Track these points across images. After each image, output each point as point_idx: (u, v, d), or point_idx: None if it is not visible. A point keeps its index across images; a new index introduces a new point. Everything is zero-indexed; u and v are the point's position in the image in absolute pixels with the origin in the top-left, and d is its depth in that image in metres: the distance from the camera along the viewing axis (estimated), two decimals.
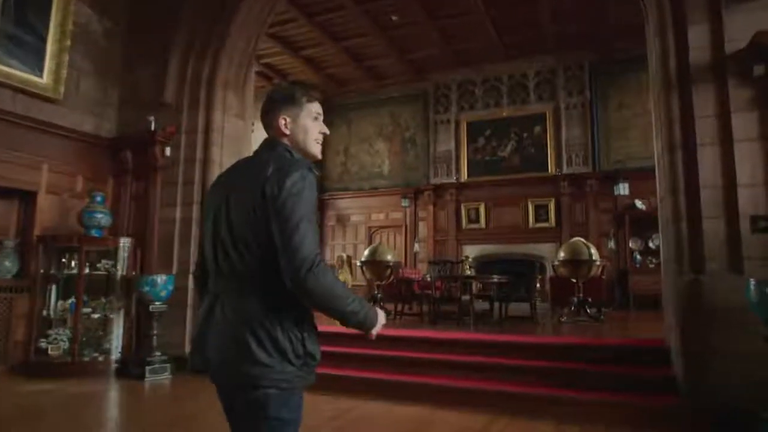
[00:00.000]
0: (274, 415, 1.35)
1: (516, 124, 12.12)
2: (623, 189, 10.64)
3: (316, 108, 1.61)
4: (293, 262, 1.30)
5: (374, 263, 8.02)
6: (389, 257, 8.09)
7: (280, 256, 1.32)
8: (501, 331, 6.15)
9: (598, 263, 7.18)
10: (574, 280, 7.31)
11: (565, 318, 7.21)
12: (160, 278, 5.73)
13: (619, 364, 4.44)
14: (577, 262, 7.12)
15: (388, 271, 8.05)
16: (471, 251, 11.91)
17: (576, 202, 11.30)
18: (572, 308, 7.31)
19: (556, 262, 7.43)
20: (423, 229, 12.82)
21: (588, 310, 7.22)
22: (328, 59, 12.61)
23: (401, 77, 13.38)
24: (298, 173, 1.38)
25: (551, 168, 11.61)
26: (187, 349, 6.08)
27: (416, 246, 12.16)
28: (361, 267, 8.26)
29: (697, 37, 4.29)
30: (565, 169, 11.42)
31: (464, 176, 12.35)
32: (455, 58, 12.40)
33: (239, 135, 7.02)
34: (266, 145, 1.57)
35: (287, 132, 1.55)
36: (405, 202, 12.64)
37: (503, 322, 6.98)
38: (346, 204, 13.98)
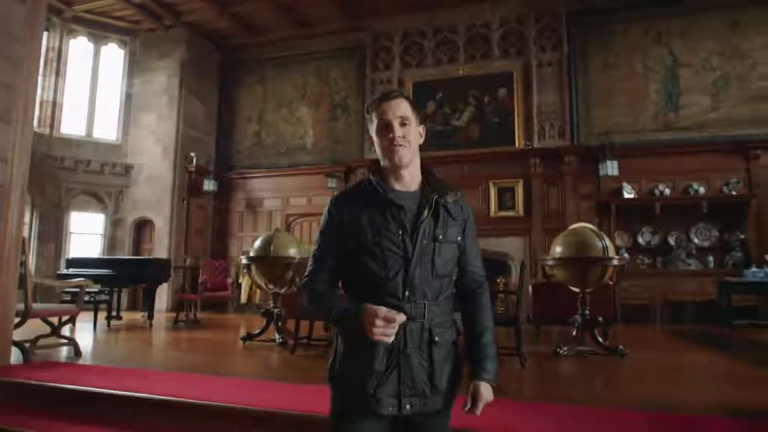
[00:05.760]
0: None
1: (475, 85, 9.51)
2: (611, 168, 8.27)
3: (379, 113, 1.42)
4: None
5: (267, 262, 5.10)
6: (292, 251, 5.17)
7: None
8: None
9: (615, 262, 4.61)
10: (576, 290, 4.71)
11: (564, 350, 4.58)
12: None
13: None
14: (585, 261, 4.51)
15: (290, 274, 5.13)
16: None
17: (550, 185, 8.82)
18: (574, 333, 4.70)
19: (550, 261, 4.80)
20: None
21: (598, 337, 4.63)
22: None
23: (332, 24, 10.48)
24: (327, 204, 1.47)
25: (519, 141, 9.09)
26: None
27: None
28: (248, 267, 5.29)
29: None
30: (536, 143, 8.93)
31: None
32: (400, 2, 9.67)
33: (11, 17, 3.86)
34: None
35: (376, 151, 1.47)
36: (332, 183, 9.75)
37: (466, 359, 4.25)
38: (258, 185, 10.90)
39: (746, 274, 6.61)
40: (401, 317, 1.26)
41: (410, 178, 1.42)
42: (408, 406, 1.32)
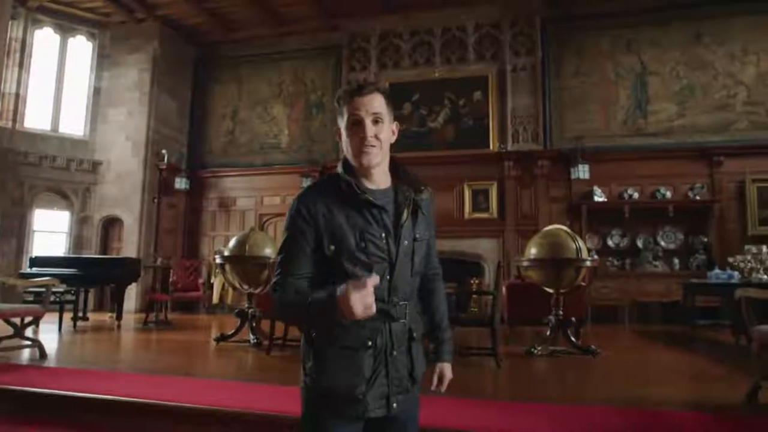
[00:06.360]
0: None
1: (451, 88, 9.59)
2: (583, 172, 8.46)
3: (351, 108, 1.32)
4: None
5: (242, 261, 5.02)
6: (267, 251, 5.10)
7: None
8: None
9: (588, 264, 4.73)
10: (550, 290, 4.80)
11: (539, 349, 4.67)
12: None
13: None
14: (559, 263, 4.60)
15: (265, 274, 5.07)
16: None
17: (523, 187, 8.96)
18: (548, 333, 4.79)
19: (525, 262, 4.88)
20: None
21: (571, 337, 4.73)
22: None
23: (308, 23, 10.41)
24: (293, 202, 1.35)
25: (493, 144, 9.21)
26: None
27: None
28: (222, 267, 5.21)
29: None
30: (510, 146, 9.06)
31: None
32: (377, 3, 9.67)
33: None
34: None
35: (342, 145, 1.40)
36: (306, 182, 9.68)
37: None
38: (232, 184, 10.73)
39: (710, 276, 6.84)
40: (372, 279, 1.15)
41: (380, 176, 1.36)
42: (395, 405, 1.30)
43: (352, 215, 1.29)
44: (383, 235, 1.30)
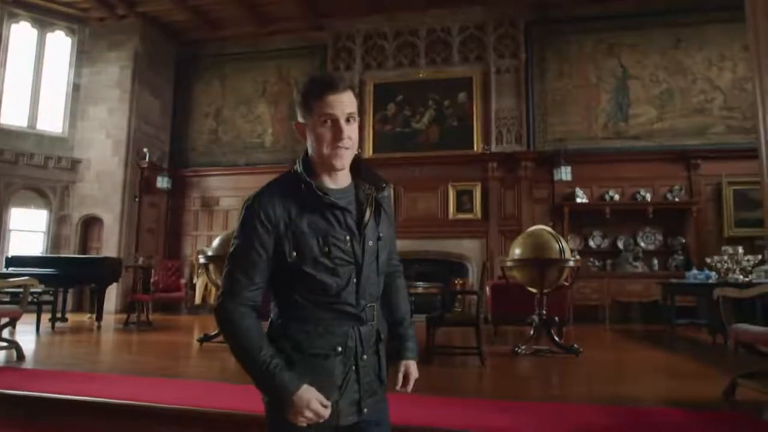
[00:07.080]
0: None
1: (435, 89, 9.63)
2: (565, 174, 8.57)
3: (323, 105, 1.24)
4: None
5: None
6: None
7: None
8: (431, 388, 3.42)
9: (571, 264, 4.79)
10: (533, 290, 4.85)
11: (522, 349, 4.71)
12: None
13: None
14: (543, 263, 4.65)
15: None
16: None
17: (507, 189, 9.04)
18: (532, 332, 4.84)
19: (509, 263, 4.92)
20: None
21: (554, 336, 4.79)
22: None
23: (294, 22, 10.37)
24: (248, 201, 1.26)
25: (477, 145, 9.28)
26: None
27: None
28: (206, 266, 5.15)
29: None
30: (494, 147, 9.14)
31: (368, 152, 9.61)
32: (362, 3, 9.67)
33: None
34: None
35: (305, 141, 1.32)
36: None
37: (430, 358, 4.30)
38: (215, 183, 10.63)
39: (688, 276, 6.98)
40: (326, 414, 1.18)
41: (344, 175, 1.32)
42: (366, 410, 1.28)
43: (314, 218, 1.24)
44: (347, 237, 1.25)
